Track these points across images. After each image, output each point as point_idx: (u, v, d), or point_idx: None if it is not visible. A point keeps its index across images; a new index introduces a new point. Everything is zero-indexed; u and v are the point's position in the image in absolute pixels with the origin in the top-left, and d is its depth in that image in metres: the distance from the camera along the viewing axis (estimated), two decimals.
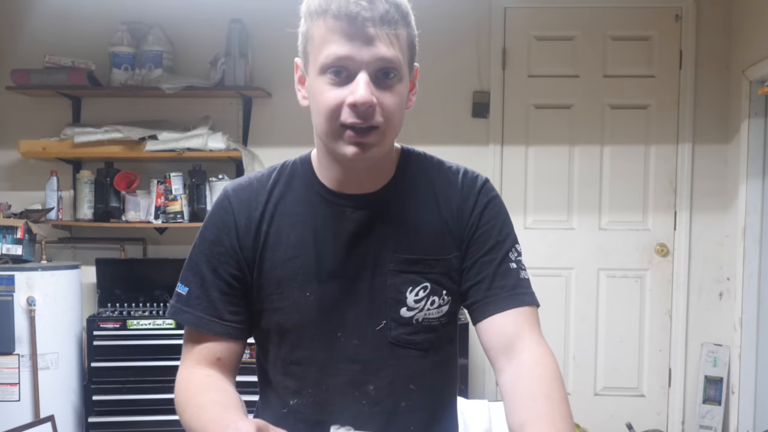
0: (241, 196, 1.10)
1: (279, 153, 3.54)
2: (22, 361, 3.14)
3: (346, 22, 0.95)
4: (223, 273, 1.08)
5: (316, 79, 0.99)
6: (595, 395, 3.65)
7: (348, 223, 1.07)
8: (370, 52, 0.95)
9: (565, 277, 3.64)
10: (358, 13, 0.94)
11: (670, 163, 3.58)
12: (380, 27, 0.95)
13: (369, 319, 1.07)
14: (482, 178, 1.14)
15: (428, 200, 1.10)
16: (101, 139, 3.42)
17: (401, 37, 0.99)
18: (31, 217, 3.38)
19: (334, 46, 0.95)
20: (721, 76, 3.53)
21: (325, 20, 0.96)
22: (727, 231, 3.51)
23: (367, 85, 0.96)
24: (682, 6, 3.53)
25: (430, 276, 1.07)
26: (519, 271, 1.08)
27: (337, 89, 0.97)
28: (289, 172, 1.12)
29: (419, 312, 1.08)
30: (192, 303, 1.08)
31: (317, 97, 0.99)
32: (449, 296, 1.09)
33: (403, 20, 0.99)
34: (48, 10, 3.59)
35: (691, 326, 3.59)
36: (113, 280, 3.52)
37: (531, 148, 3.62)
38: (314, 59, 0.99)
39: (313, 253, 1.07)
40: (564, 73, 3.59)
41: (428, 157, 1.16)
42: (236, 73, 3.45)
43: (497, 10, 3.57)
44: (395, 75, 0.98)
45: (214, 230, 1.09)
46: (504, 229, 1.11)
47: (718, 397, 3.48)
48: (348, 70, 0.97)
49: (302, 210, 1.09)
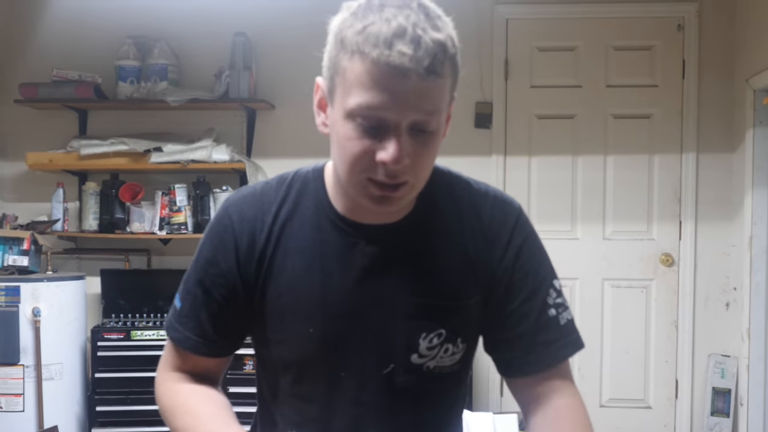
0: (244, 213, 1.00)
1: (283, 164, 3.53)
2: (26, 372, 3.15)
3: (386, 71, 0.82)
4: (216, 294, 1.00)
5: (341, 121, 0.87)
6: (601, 407, 3.61)
7: (360, 257, 0.97)
8: (408, 106, 0.83)
9: (570, 287, 3.62)
10: (401, 64, 0.81)
11: (675, 173, 3.57)
12: (424, 80, 0.82)
13: (375, 362, 0.99)
14: (515, 209, 1.03)
15: (452, 235, 0.99)
16: (107, 151, 3.45)
17: (445, 85, 0.86)
18: (37, 228, 3.41)
19: (367, 96, 0.83)
20: (725, 85, 3.52)
21: (363, 61, 0.83)
22: (734, 241, 3.48)
23: (402, 144, 0.84)
24: (684, 15, 3.53)
25: (446, 322, 0.98)
26: (559, 317, 0.99)
27: (366, 139, 0.85)
28: (299, 188, 1.01)
29: (431, 360, 0.99)
30: (182, 321, 1.03)
31: (342, 141, 0.88)
32: (465, 343, 1.00)
33: (450, 63, 0.86)
34: (55, 25, 3.65)
35: (697, 337, 3.56)
36: (118, 291, 3.53)
37: (534, 159, 3.62)
38: (342, 96, 0.86)
39: (319, 285, 0.97)
40: (566, 83, 3.59)
41: (454, 179, 1.03)
42: (240, 85, 3.48)
43: (499, 21, 3.58)
44: (433, 128, 0.87)
45: (212, 249, 1.01)
46: (541, 270, 1.00)
47: (727, 409, 3.43)
48: (381, 122, 0.84)
49: (311, 235, 0.98)
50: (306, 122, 3.47)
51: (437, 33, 0.84)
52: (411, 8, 0.84)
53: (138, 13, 3.58)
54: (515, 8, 3.58)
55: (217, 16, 3.58)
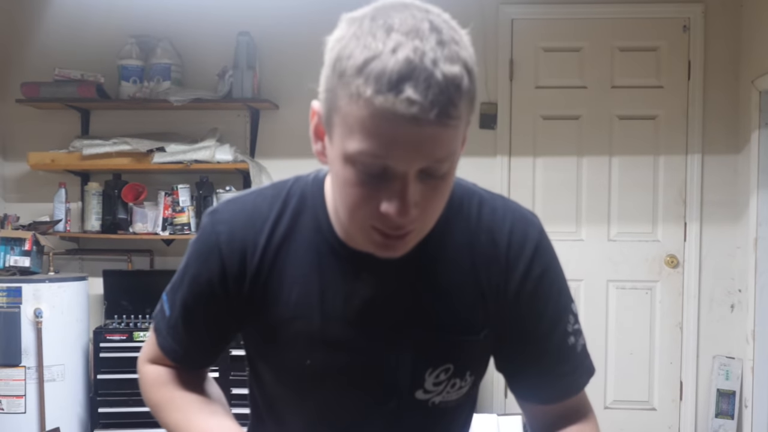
0: (235, 233, 0.90)
1: (286, 164, 3.55)
2: (28, 373, 3.13)
3: (392, 122, 0.70)
4: (201, 315, 0.94)
5: (338, 161, 0.77)
6: (605, 408, 3.60)
7: (363, 287, 0.88)
8: (418, 155, 0.73)
9: (574, 288, 3.56)
10: (409, 114, 0.69)
11: (680, 174, 3.56)
12: (436, 126, 0.71)
13: (376, 397, 0.92)
14: (535, 230, 0.92)
15: (464, 263, 0.90)
16: (109, 151, 3.44)
17: (461, 124, 0.74)
18: (39, 228, 3.39)
19: (369, 144, 0.72)
20: (730, 86, 3.51)
21: (363, 107, 0.71)
22: (738, 242, 3.47)
23: (410, 196, 0.74)
24: (689, 16, 3.52)
25: (454, 358, 0.91)
26: (576, 345, 0.94)
27: (367, 186, 0.76)
28: (296, 205, 0.91)
29: (436, 395, 0.92)
30: (169, 330, 0.98)
31: (340, 183, 0.78)
32: (473, 375, 0.94)
33: (467, 97, 0.73)
34: (58, 24, 3.63)
35: (702, 339, 3.55)
36: (120, 292, 3.51)
37: (539, 160, 3.60)
38: (341, 137, 0.75)
39: (318, 316, 0.89)
40: (571, 84, 3.58)
41: (468, 194, 0.92)
42: (244, 85, 3.46)
43: (504, 21, 3.57)
44: (445, 172, 0.77)
45: (198, 267, 0.92)
46: (561, 298, 0.93)
47: (731, 411, 3.42)
48: (384, 170, 0.74)
49: (309, 260, 0.89)
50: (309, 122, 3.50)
51: (452, 65, 0.71)
52: (421, 32, 0.71)
53: (141, 12, 3.56)
54: (520, 8, 3.57)
55: (221, 16, 3.56)
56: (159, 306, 1.00)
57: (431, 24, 0.73)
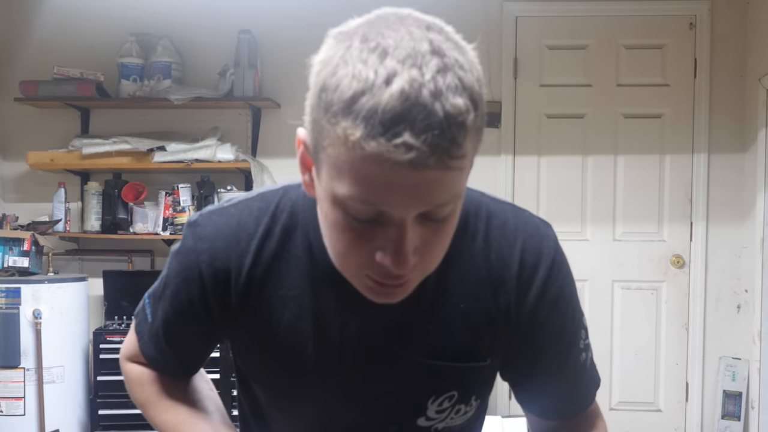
0: (217, 256, 0.81)
1: (288, 164, 3.51)
2: (27, 375, 3.11)
3: (387, 170, 0.61)
4: (180, 331, 0.88)
5: (328, 202, 0.68)
6: (611, 410, 3.57)
7: (360, 315, 0.80)
8: (417, 201, 0.64)
9: (579, 288, 3.50)
10: (406, 161, 0.60)
11: (686, 173, 3.52)
12: (437, 169, 0.62)
13: (376, 422, 0.87)
14: (550, 247, 0.84)
15: (470, 287, 0.82)
16: (109, 150, 3.41)
17: (468, 160, 0.65)
18: (39, 228, 3.36)
19: (360, 190, 0.63)
20: (737, 84, 3.48)
21: (352, 151, 0.61)
22: (745, 242, 3.44)
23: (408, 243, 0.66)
24: (696, 14, 3.49)
25: (459, 385, 0.85)
26: (587, 360, 0.89)
27: (359, 231, 0.67)
28: (285, 222, 0.82)
29: (440, 422, 0.87)
30: (151, 337, 0.91)
31: (329, 225, 0.70)
32: (479, 399, 0.89)
33: (474, 130, 0.63)
34: (57, 22, 3.60)
35: (708, 339, 3.52)
36: (121, 293, 3.48)
37: (543, 159, 3.57)
38: (328, 176, 0.66)
39: (311, 344, 0.82)
40: (576, 82, 3.55)
41: (475, 212, 0.83)
42: (245, 83, 3.43)
43: (508, 19, 3.53)
44: (447, 214, 0.68)
45: (177, 283, 0.85)
46: (575, 317, 0.87)
47: (737, 413, 3.40)
48: (378, 218, 0.66)
49: (300, 284, 0.81)
50: None
51: (455, 98, 0.60)
52: (420, 56, 0.61)
53: (141, 9, 3.53)
54: (525, 5, 3.53)
55: (222, 13, 3.53)
56: (141, 306, 0.93)
57: (431, 44, 0.62)
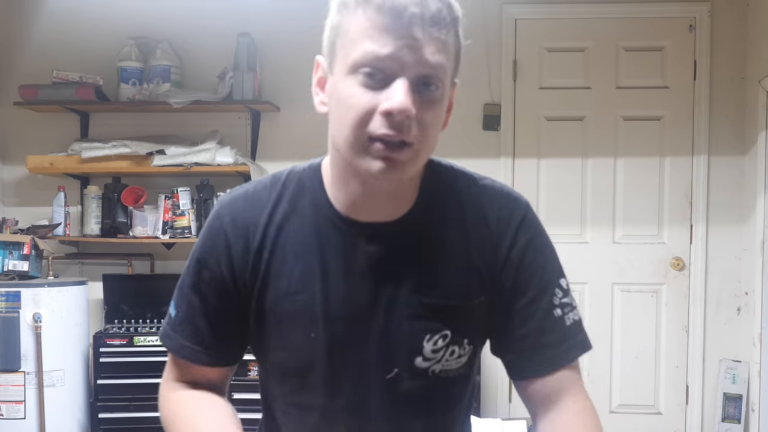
0: (237, 215, 0.96)
1: (287, 167, 3.50)
2: (27, 379, 3.11)
3: (391, 17, 0.81)
4: (212, 299, 0.96)
5: (343, 80, 0.85)
6: (611, 413, 3.56)
7: (361, 258, 0.94)
8: (414, 55, 0.82)
9: (579, 291, 3.57)
10: (405, 8, 0.81)
11: (686, 176, 3.52)
12: (429, 28, 0.82)
13: (379, 367, 0.95)
14: (521, 206, 0.98)
15: (455, 234, 0.96)
16: (109, 154, 3.41)
17: (449, 45, 0.85)
18: (38, 232, 3.36)
19: (372, 43, 0.81)
20: (737, 86, 3.47)
21: (365, 11, 0.82)
22: (745, 244, 3.44)
23: (407, 92, 0.82)
24: (695, 16, 3.49)
25: (451, 324, 0.94)
26: (564, 318, 0.96)
27: (369, 93, 0.83)
28: (295, 187, 0.97)
29: (436, 363, 0.95)
30: (177, 328, 0.99)
31: (344, 100, 0.85)
32: (471, 344, 0.97)
33: (453, 24, 0.85)
34: (56, 26, 3.60)
35: (708, 342, 3.51)
36: (120, 296, 3.49)
37: (543, 161, 3.57)
38: (344, 56, 0.84)
39: (319, 289, 0.94)
40: (576, 84, 3.55)
41: (458, 175, 1.00)
42: (244, 87, 3.43)
43: (508, 21, 3.53)
44: (437, 87, 0.85)
45: (204, 253, 0.97)
46: (547, 269, 0.97)
47: (738, 415, 3.39)
48: (385, 73, 0.82)
49: (309, 237, 0.95)
50: (311, 124, 3.44)
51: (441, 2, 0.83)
52: None
53: (140, 13, 3.54)
54: (524, 8, 3.53)
55: (221, 17, 3.53)
56: (165, 319, 1.02)
57: None
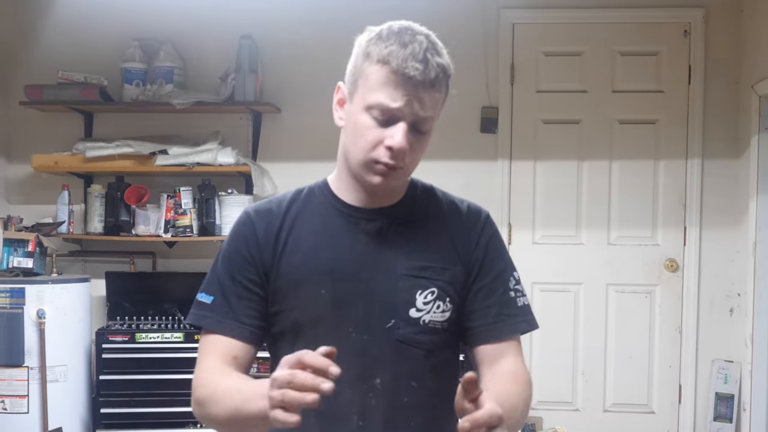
0: (261, 210, 1.23)
1: (288, 168, 3.56)
2: (31, 374, 3.15)
3: (401, 80, 1.08)
4: (241, 278, 1.18)
5: (360, 113, 1.12)
6: (605, 412, 3.61)
7: (363, 232, 1.19)
8: (413, 109, 1.10)
9: (574, 292, 3.62)
10: (413, 76, 1.08)
11: (680, 179, 3.57)
12: (427, 90, 1.09)
13: (379, 318, 1.16)
14: (484, 210, 1.28)
15: (436, 218, 1.23)
16: (112, 153, 3.46)
17: (440, 97, 1.13)
18: (43, 230, 3.41)
19: (385, 97, 1.09)
20: (731, 91, 3.52)
21: (383, 68, 1.09)
22: (738, 246, 3.48)
23: (405, 135, 1.10)
24: (690, 21, 3.53)
25: (437, 282, 1.18)
26: (517, 299, 1.22)
27: (378, 129, 1.11)
28: (306, 193, 1.24)
29: (426, 314, 1.17)
30: (215, 308, 1.18)
31: (359, 129, 1.12)
32: (452, 304, 1.19)
33: (445, 83, 1.13)
34: (61, 27, 3.65)
35: (701, 342, 3.56)
36: (123, 294, 3.54)
37: (539, 164, 3.62)
38: (362, 96, 1.12)
39: (329, 255, 1.18)
40: (572, 88, 3.60)
41: (433, 187, 1.29)
42: (246, 88, 3.48)
43: (505, 25, 3.58)
44: (426, 130, 1.13)
45: (234, 243, 1.21)
46: (505, 259, 1.25)
47: (730, 415, 3.43)
48: (391, 117, 1.10)
49: (320, 220, 1.21)
50: (312, 126, 3.51)
51: (440, 58, 1.11)
52: (422, 37, 1.10)
53: (144, 15, 3.58)
54: (522, 13, 3.58)
55: (223, 19, 3.58)
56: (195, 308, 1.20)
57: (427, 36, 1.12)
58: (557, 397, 3.56)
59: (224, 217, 3.45)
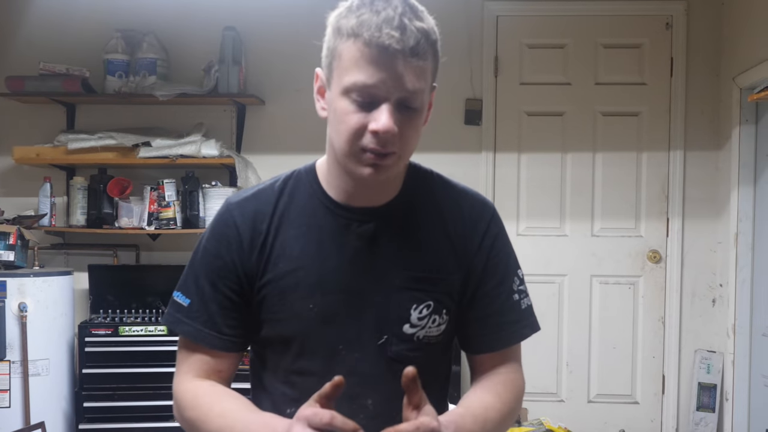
0: (245, 210, 1.09)
1: (272, 160, 3.56)
2: (12, 368, 3.12)
3: (377, 52, 0.94)
4: (223, 287, 1.08)
5: (338, 98, 0.99)
6: (589, 402, 3.63)
7: (353, 237, 1.07)
8: (396, 84, 0.95)
9: (558, 283, 3.64)
10: (389, 45, 0.93)
11: (662, 170, 3.59)
12: (409, 60, 0.95)
13: (371, 334, 1.08)
14: (491, 206, 1.16)
15: (434, 218, 1.11)
16: (95, 145, 3.43)
17: (427, 68, 0.98)
18: (24, 223, 3.38)
19: (361, 74, 0.95)
20: (712, 83, 3.55)
21: (355, 43, 0.95)
22: (720, 237, 3.51)
23: (391, 116, 0.96)
24: (672, 14, 3.56)
25: (434, 294, 1.08)
26: (521, 302, 1.14)
27: (359, 113, 0.97)
28: (293, 183, 1.12)
29: (421, 330, 1.09)
30: (192, 315, 1.09)
31: (340, 117, 0.99)
32: (448, 315, 1.11)
33: (431, 50, 0.98)
34: (43, 18, 3.62)
35: (684, 333, 3.59)
36: (106, 287, 3.51)
37: (523, 156, 3.63)
38: (339, 78, 0.98)
39: (316, 265, 1.07)
40: (556, 80, 3.61)
41: (434, 176, 1.16)
42: (230, 80, 3.46)
43: (489, 18, 3.59)
44: (417, 106, 0.99)
45: (216, 243, 1.09)
46: (510, 260, 1.15)
47: (712, 404, 3.47)
48: (372, 98, 0.96)
49: (306, 221, 1.09)
50: (296, 118, 3.50)
51: (420, 22, 0.96)
52: (397, 1, 0.96)
53: (127, 6, 3.56)
54: (505, 5, 3.60)
55: (207, 10, 3.56)
56: (170, 308, 1.11)
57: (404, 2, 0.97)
58: (542, 388, 3.58)
59: (208, 210, 3.43)
